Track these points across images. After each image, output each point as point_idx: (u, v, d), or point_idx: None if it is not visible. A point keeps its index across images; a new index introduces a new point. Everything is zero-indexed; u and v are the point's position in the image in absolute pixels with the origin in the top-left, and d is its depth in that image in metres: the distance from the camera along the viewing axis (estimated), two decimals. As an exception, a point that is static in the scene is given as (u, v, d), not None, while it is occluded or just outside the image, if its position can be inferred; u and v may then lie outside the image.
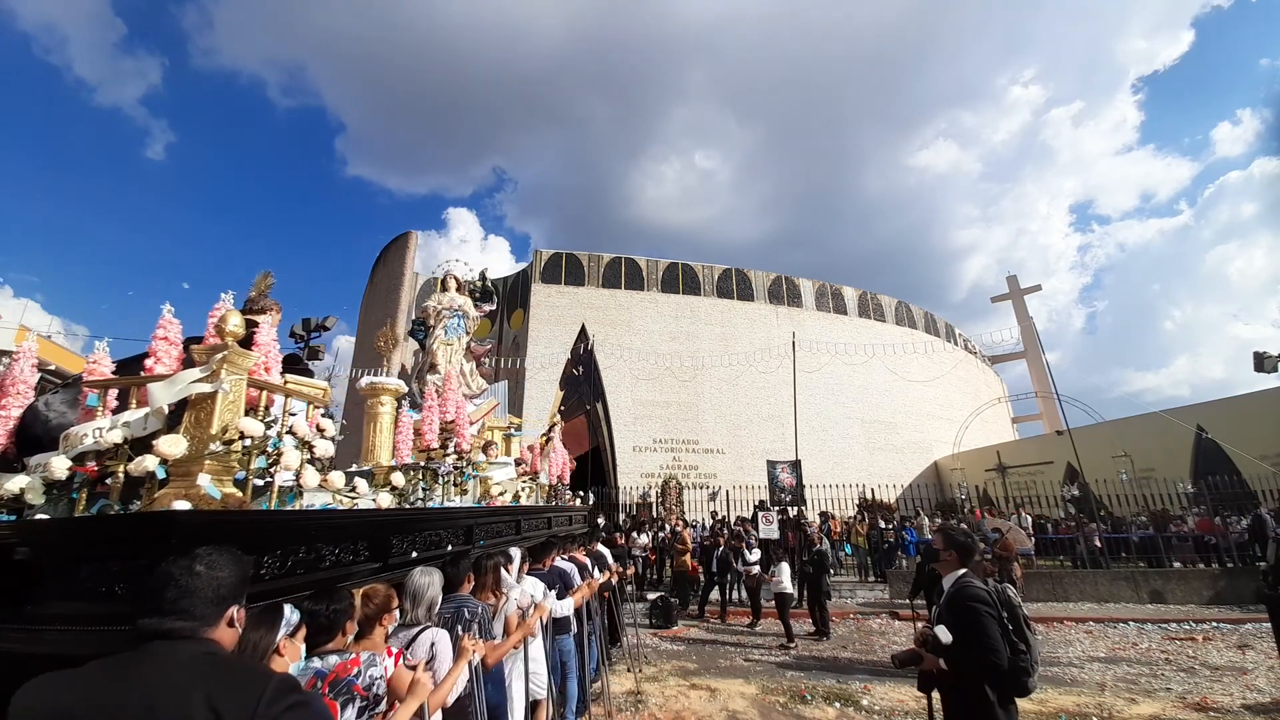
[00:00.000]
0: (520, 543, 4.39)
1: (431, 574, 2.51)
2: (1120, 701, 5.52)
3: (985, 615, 2.39)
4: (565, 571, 4.45)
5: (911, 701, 5.38)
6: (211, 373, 1.93)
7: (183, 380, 1.92)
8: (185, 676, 1.00)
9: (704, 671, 6.74)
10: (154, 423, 1.97)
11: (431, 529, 3.27)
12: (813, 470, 17.08)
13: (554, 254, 23.04)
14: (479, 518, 4.02)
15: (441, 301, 6.31)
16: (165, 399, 1.93)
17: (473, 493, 4.60)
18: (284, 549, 1.96)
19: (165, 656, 1.04)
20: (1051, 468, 19.54)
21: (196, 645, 1.08)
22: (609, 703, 5.10)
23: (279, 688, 1.05)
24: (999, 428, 29.84)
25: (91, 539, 1.65)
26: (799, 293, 25.20)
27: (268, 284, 3.36)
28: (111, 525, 1.70)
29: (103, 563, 1.56)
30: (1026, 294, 41.35)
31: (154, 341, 2.17)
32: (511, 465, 5.62)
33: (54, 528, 1.77)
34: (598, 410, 20.93)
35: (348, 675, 1.74)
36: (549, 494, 6.88)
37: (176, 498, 1.74)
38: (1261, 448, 14.13)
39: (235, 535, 1.74)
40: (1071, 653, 7.51)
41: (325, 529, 2.24)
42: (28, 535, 1.70)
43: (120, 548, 1.57)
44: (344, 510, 2.59)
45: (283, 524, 2.05)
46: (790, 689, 5.94)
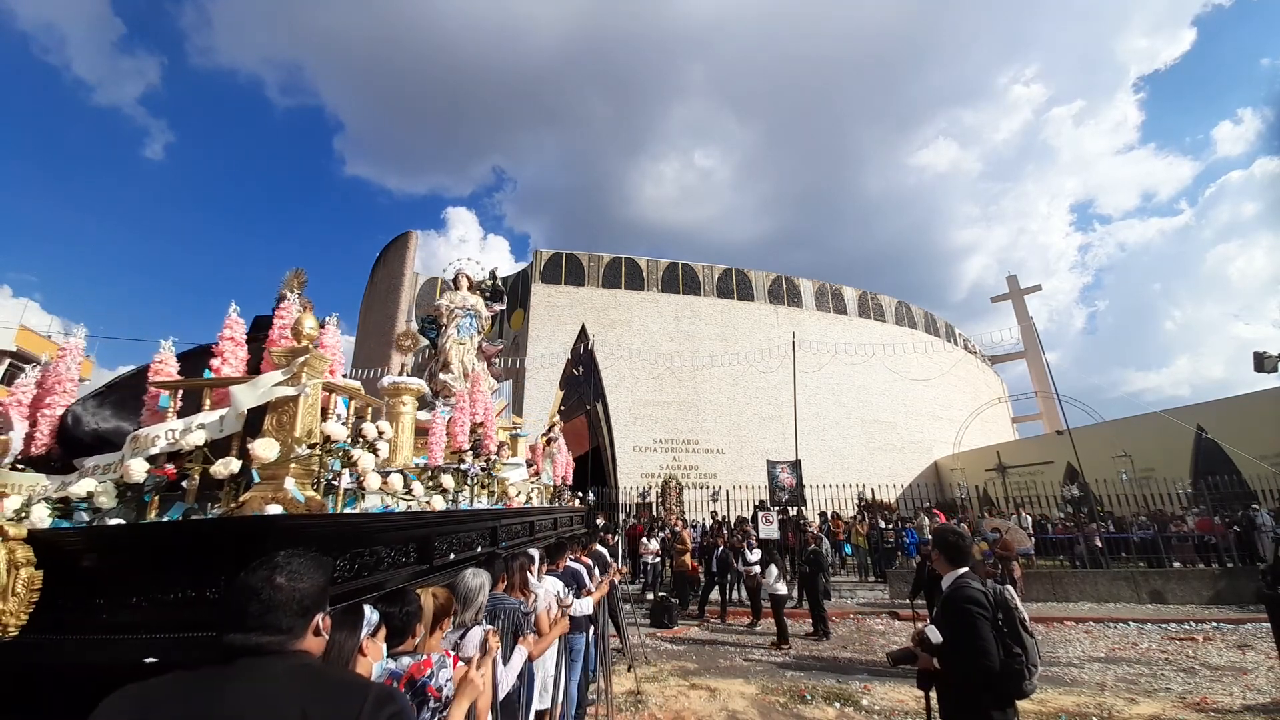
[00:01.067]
0: (534, 543, 4.44)
1: (482, 575, 2.51)
2: (1120, 701, 5.52)
3: (977, 617, 2.38)
4: (578, 571, 4.58)
5: (911, 701, 5.38)
6: (293, 375, 1.91)
7: (265, 383, 1.90)
8: (279, 690, 0.99)
9: (704, 671, 6.74)
10: (230, 425, 1.93)
11: (467, 530, 3.31)
12: (813, 470, 17.09)
13: (554, 254, 23.05)
14: (502, 519, 4.04)
15: (454, 300, 6.29)
16: (249, 401, 1.89)
17: (494, 494, 4.63)
18: (354, 552, 1.95)
19: (256, 671, 1.01)
20: (1051, 468, 19.54)
21: (288, 659, 1.06)
22: (609, 702, 5.10)
23: (378, 699, 1.02)
24: (999, 428, 29.85)
25: (184, 543, 1.60)
26: (799, 293, 25.21)
27: (301, 281, 3.31)
28: (209, 529, 1.66)
29: (195, 568, 1.52)
30: (1026, 294, 41.35)
31: (221, 341, 2.15)
32: (523, 466, 5.64)
33: (140, 532, 1.71)
34: (598, 410, 20.94)
35: (421, 677, 1.76)
36: (553, 494, 6.89)
37: (264, 501, 1.71)
38: (1261, 448, 14.13)
39: (319, 539, 1.73)
40: (1071, 653, 7.51)
41: (385, 531, 2.25)
42: (107, 540, 1.63)
43: (216, 552, 1.53)
44: (406, 513, 2.60)
45: (357, 527, 2.04)
46: (790, 689, 5.94)
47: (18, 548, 1.45)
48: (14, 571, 1.43)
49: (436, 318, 6.27)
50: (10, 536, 1.45)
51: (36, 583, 1.46)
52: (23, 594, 1.43)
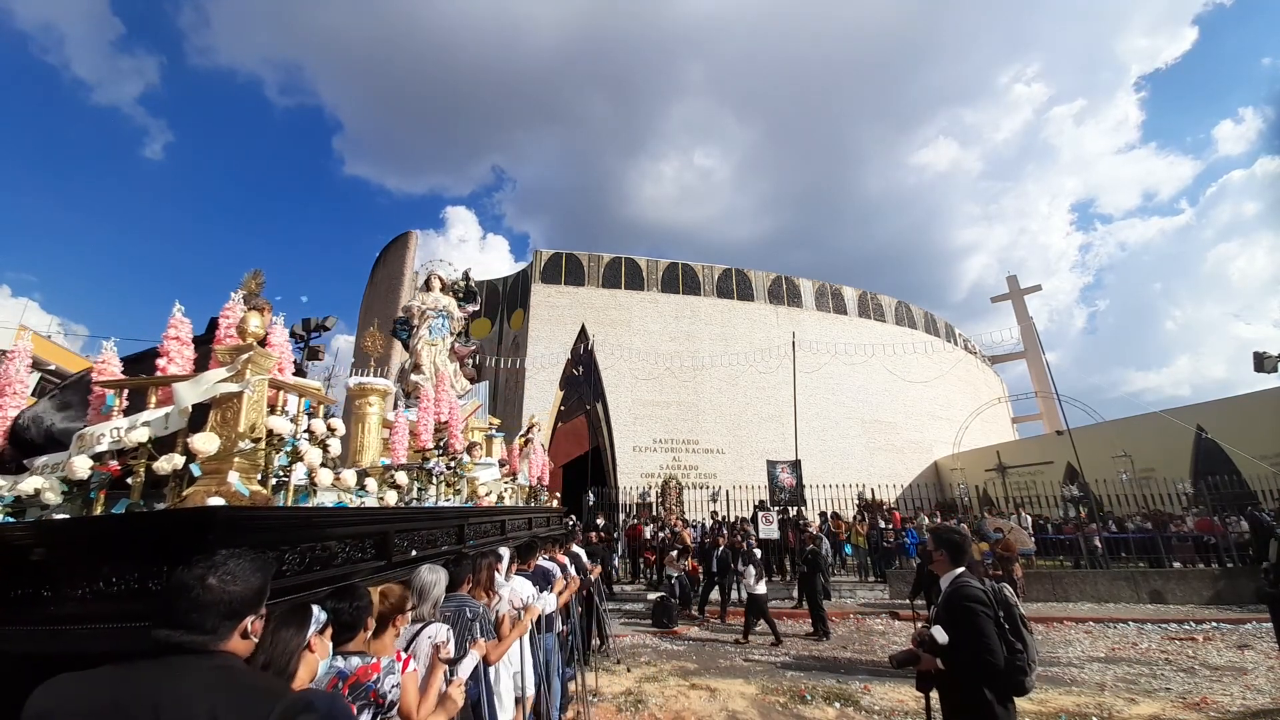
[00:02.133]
0: (505, 542, 4.44)
1: (439, 572, 2.53)
2: (1120, 701, 5.52)
3: (981, 615, 2.39)
4: (549, 571, 4.58)
5: (911, 701, 5.38)
6: (237, 373, 1.95)
7: (208, 380, 1.94)
8: (194, 690, 1.00)
9: (704, 671, 6.74)
10: (175, 422, 1.97)
11: (429, 528, 3.31)
12: (813, 470, 17.09)
13: (554, 254, 23.05)
14: (470, 518, 4.07)
15: (425, 301, 6.34)
16: (191, 398, 1.93)
17: (461, 493, 4.64)
18: (304, 547, 1.98)
19: (178, 668, 1.04)
20: (1051, 468, 19.53)
21: (210, 658, 1.07)
22: (587, 701, 5.12)
23: (289, 708, 1.02)
24: (999, 428, 29.85)
25: (127, 536, 1.63)
26: (799, 293, 25.21)
27: (259, 282, 3.35)
28: (151, 521, 1.68)
29: (139, 560, 1.55)
30: (1026, 294, 41.37)
31: (166, 341, 2.18)
32: (496, 466, 5.69)
33: (85, 526, 1.75)
34: (598, 410, 20.95)
35: (368, 680, 1.76)
36: (529, 495, 6.94)
37: (208, 495, 1.75)
38: (1261, 448, 14.13)
39: (265, 531, 1.76)
40: (1071, 653, 7.51)
41: (338, 526, 2.27)
42: (54, 534, 1.67)
43: (160, 544, 1.56)
44: (360, 508, 2.63)
45: (306, 521, 2.07)
46: (790, 689, 5.94)
47: None
48: None
49: (409, 319, 6.31)
50: None
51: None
52: None
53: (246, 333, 2.03)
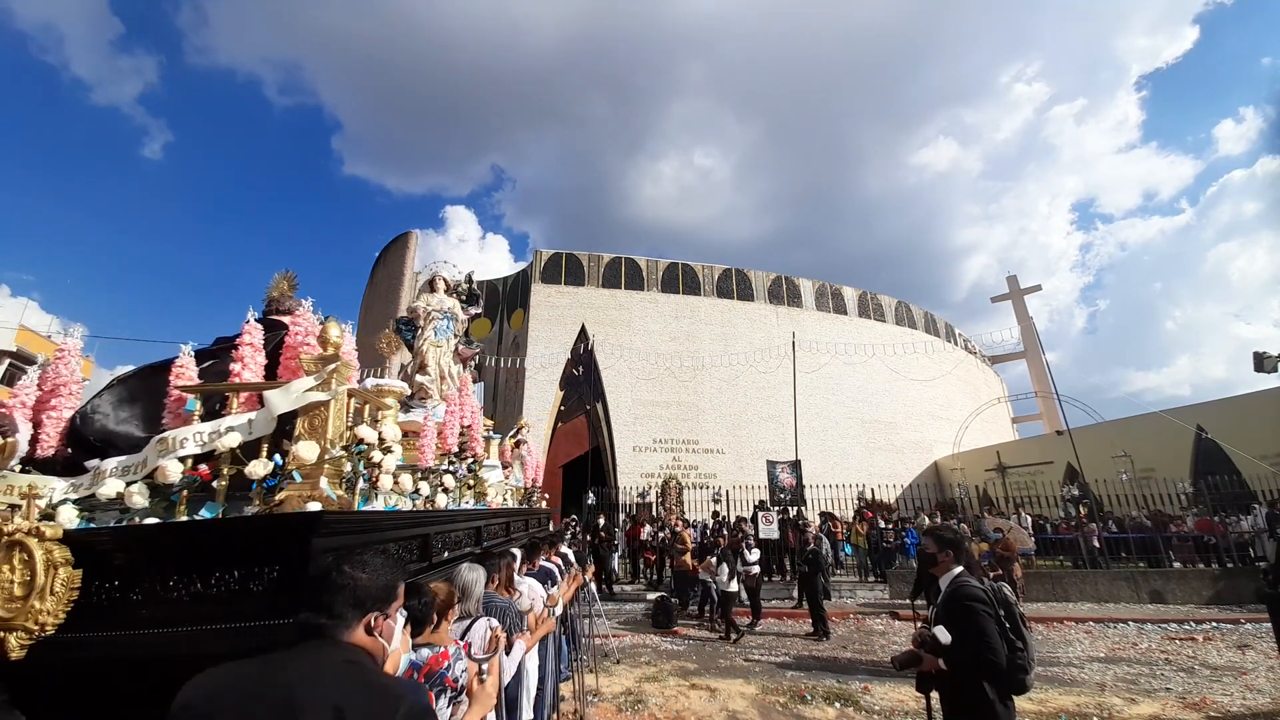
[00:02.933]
0: (510, 543, 4.53)
1: (478, 570, 2.64)
2: (1120, 701, 5.52)
3: (982, 614, 2.39)
4: (551, 570, 4.72)
5: (911, 701, 5.38)
6: (324, 382, 2.00)
7: (298, 389, 1.98)
8: (324, 681, 1.05)
9: (704, 671, 6.74)
10: (260, 427, 2.00)
11: (459, 530, 3.42)
12: (813, 470, 17.08)
13: (554, 254, 23.05)
14: (486, 519, 4.16)
15: (430, 303, 6.38)
16: (283, 406, 1.98)
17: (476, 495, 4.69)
18: (374, 548, 2.05)
19: (310, 654, 1.11)
20: (1051, 468, 19.54)
21: (342, 651, 1.13)
22: (585, 699, 5.14)
23: (410, 712, 1.07)
24: (999, 428, 29.85)
25: (231, 539, 1.66)
26: (799, 293, 25.21)
27: (291, 283, 3.34)
28: (259, 525, 1.72)
29: (241, 562, 1.58)
30: (1026, 294, 41.36)
31: (241, 347, 2.21)
32: (499, 467, 5.75)
33: (193, 529, 1.77)
34: (598, 410, 20.95)
35: (440, 668, 1.86)
36: (524, 495, 7.01)
37: (303, 500, 1.78)
38: (1261, 448, 14.13)
39: (351, 534, 1.81)
40: (1071, 653, 7.51)
41: (396, 529, 2.33)
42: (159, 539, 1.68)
43: (265, 546, 1.59)
44: (412, 512, 2.71)
45: (376, 525, 2.12)
46: (790, 689, 5.94)
47: (54, 548, 1.48)
48: (52, 571, 1.46)
49: (413, 319, 6.36)
50: (47, 537, 1.48)
51: (75, 582, 1.50)
52: (61, 593, 1.47)
53: (329, 342, 2.07)
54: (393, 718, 1.04)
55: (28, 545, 1.47)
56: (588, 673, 6.17)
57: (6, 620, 1.43)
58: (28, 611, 1.43)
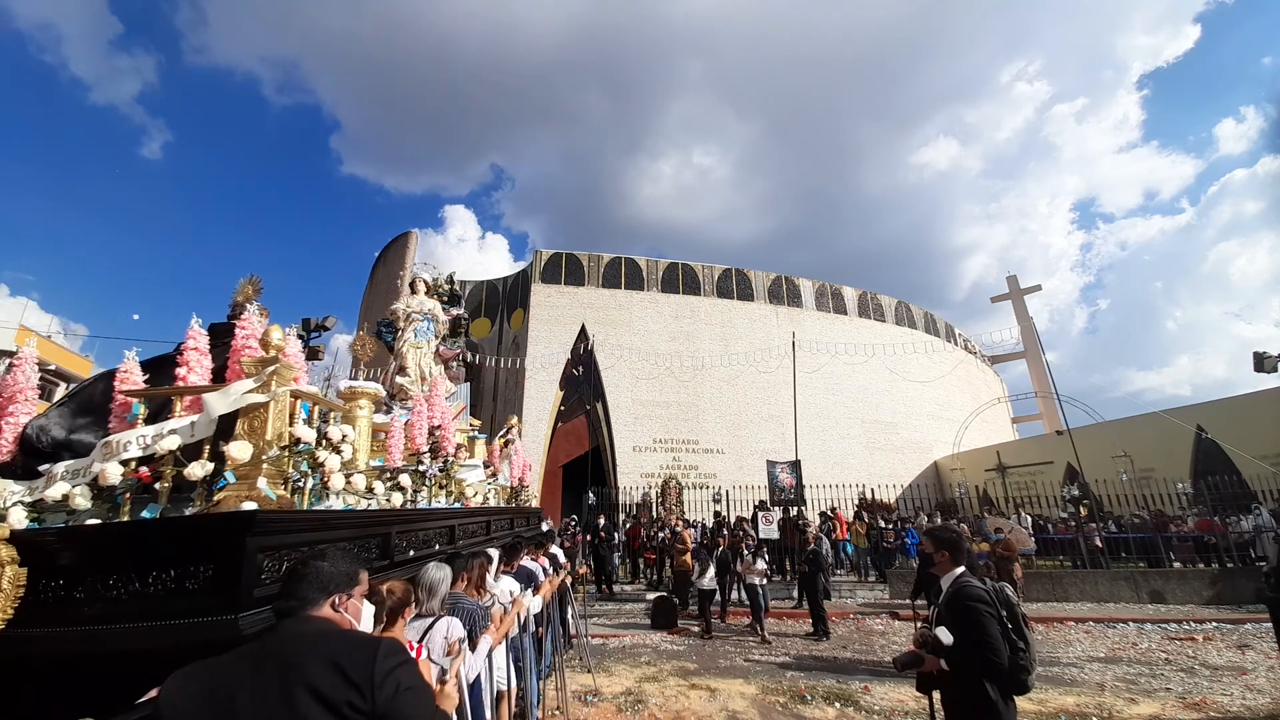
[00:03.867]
0: (490, 542, 4.57)
1: (444, 569, 2.65)
2: (1120, 701, 5.52)
3: (985, 614, 2.39)
4: (532, 571, 4.71)
5: (911, 702, 5.38)
6: (263, 384, 2.05)
7: (237, 391, 2.03)
8: (310, 642, 1.21)
9: (704, 671, 6.74)
10: (201, 430, 2.05)
11: (426, 529, 3.40)
12: (813, 470, 17.08)
13: (554, 254, 23.05)
14: (460, 519, 4.16)
15: (410, 305, 6.44)
16: (222, 408, 2.02)
17: (451, 494, 4.69)
18: (321, 547, 2.06)
19: (290, 628, 1.28)
20: (1051, 468, 19.54)
21: (314, 623, 1.30)
22: (566, 698, 5.14)
23: (390, 647, 1.23)
24: (999, 428, 29.85)
25: (169, 539, 1.69)
26: (799, 293, 25.21)
27: (256, 288, 3.38)
28: (194, 524, 1.76)
29: (178, 561, 1.62)
30: (1026, 294, 41.37)
31: (186, 351, 2.25)
32: (480, 467, 5.78)
33: (133, 529, 1.80)
34: (598, 410, 20.95)
35: None
36: (510, 495, 7.03)
37: (239, 499, 1.83)
38: (1261, 448, 14.13)
39: (291, 532, 1.85)
40: (1071, 653, 7.51)
41: (349, 528, 2.36)
42: (94, 539, 1.72)
43: (202, 545, 1.63)
44: (367, 510, 2.72)
45: (324, 523, 2.16)
46: (790, 689, 5.94)
47: (2, 547, 1.52)
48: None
49: (393, 321, 6.38)
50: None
51: (21, 580, 1.53)
52: (8, 590, 1.50)
53: (270, 344, 2.13)
54: (376, 655, 1.19)
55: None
56: (585, 672, 6.18)
57: None
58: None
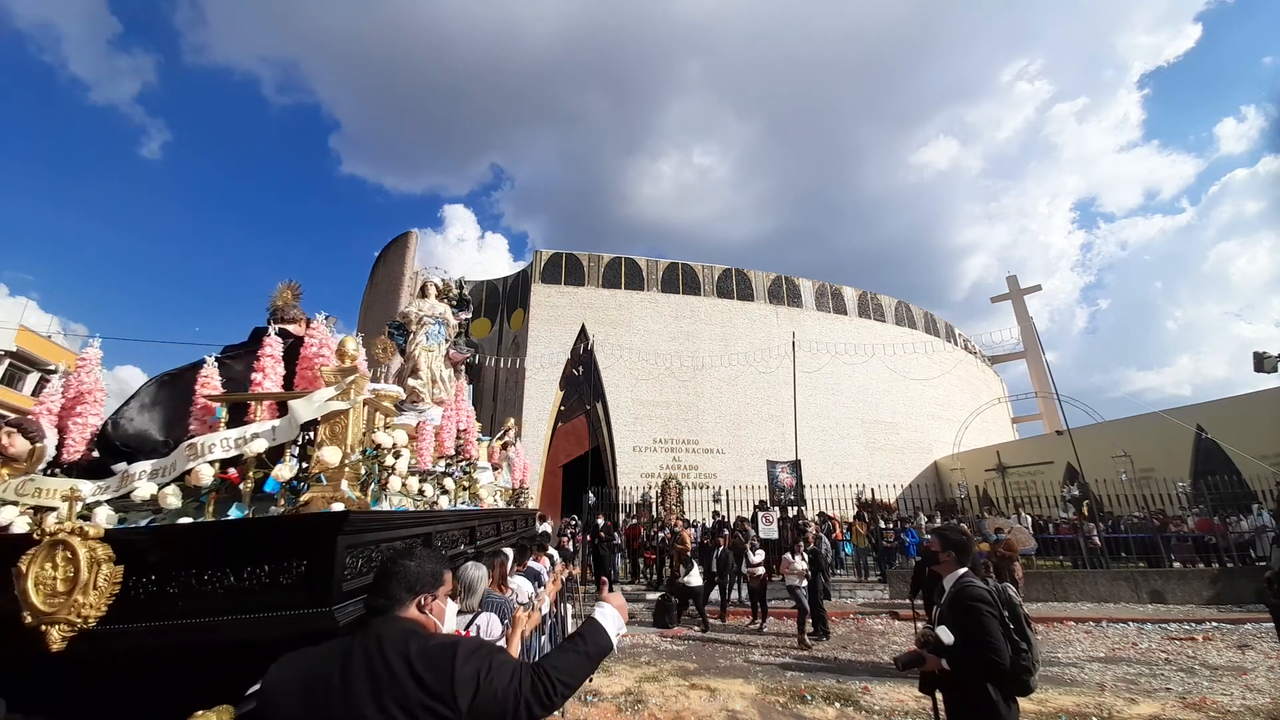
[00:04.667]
0: (501, 543, 4.65)
1: (481, 568, 2.80)
2: (1120, 701, 5.52)
3: (987, 615, 2.39)
4: (539, 572, 4.88)
5: (911, 701, 5.38)
6: (343, 392, 2.17)
7: (320, 399, 2.15)
8: (390, 638, 1.30)
9: (704, 671, 6.74)
10: (284, 434, 2.15)
11: (456, 528, 3.55)
12: (813, 470, 17.07)
13: (554, 254, 23.04)
14: (480, 519, 4.27)
15: (422, 308, 6.56)
16: (307, 415, 2.14)
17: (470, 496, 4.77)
18: (385, 545, 2.20)
19: (377, 626, 1.35)
20: (1051, 468, 19.55)
21: (400, 623, 1.37)
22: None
23: (469, 648, 1.32)
24: (999, 428, 29.85)
25: (262, 536, 1.79)
26: (799, 293, 25.21)
27: (295, 293, 3.47)
28: (293, 524, 1.85)
29: (272, 558, 1.72)
30: (1026, 294, 41.37)
31: (262, 358, 2.38)
32: (490, 469, 5.85)
33: (229, 528, 1.89)
34: (598, 410, 20.95)
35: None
36: (512, 496, 7.11)
37: (327, 501, 1.92)
38: (1261, 448, 14.14)
39: (370, 531, 1.99)
40: (1071, 653, 7.51)
41: (406, 528, 2.50)
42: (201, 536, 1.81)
43: (296, 543, 1.74)
44: (419, 511, 2.89)
45: (391, 523, 2.29)
46: (790, 689, 5.94)
47: (97, 546, 1.61)
48: (95, 567, 1.58)
49: (405, 324, 6.48)
50: (90, 536, 1.60)
51: (117, 577, 1.62)
52: (104, 587, 1.59)
53: (346, 354, 2.25)
54: (455, 658, 1.26)
55: (71, 544, 1.58)
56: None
57: (48, 615, 1.53)
58: (70, 605, 1.54)
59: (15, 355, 23.13)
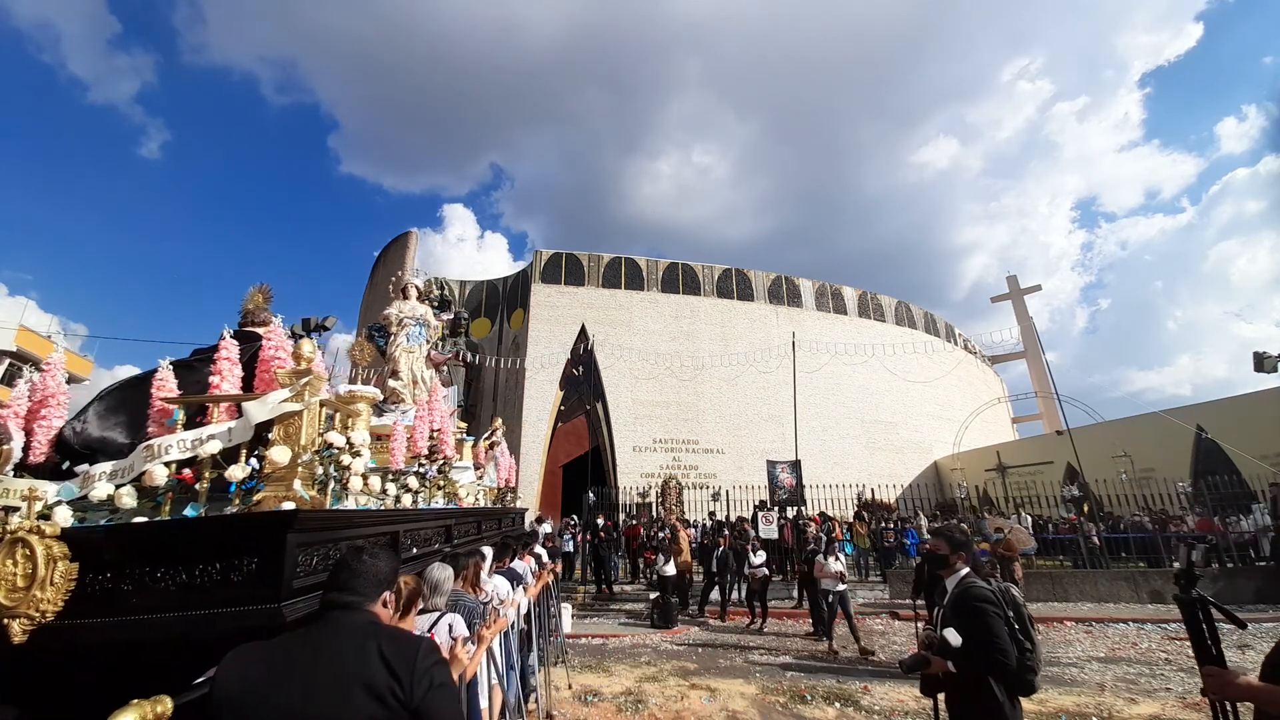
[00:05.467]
0: (481, 542, 4.65)
1: (447, 569, 2.79)
2: (1120, 701, 5.52)
3: (993, 615, 2.39)
4: (520, 572, 4.83)
5: (911, 702, 5.38)
6: (297, 394, 2.22)
7: (274, 400, 2.20)
8: (360, 636, 1.32)
9: (704, 671, 6.74)
10: (239, 435, 2.21)
11: (427, 528, 3.54)
12: (813, 470, 17.08)
13: (554, 254, 23.04)
14: (456, 518, 4.29)
15: (403, 310, 6.65)
16: (260, 416, 2.18)
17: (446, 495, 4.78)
18: (344, 543, 2.22)
19: (344, 621, 1.36)
20: (1051, 468, 19.54)
21: (363, 615, 1.40)
22: (549, 697, 5.16)
23: (429, 646, 1.37)
24: (999, 428, 29.85)
25: (215, 534, 1.84)
26: (799, 293, 25.21)
27: (266, 296, 3.50)
28: (242, 522, 1.90)
29: (223, 555, 1.76)
30: (1026, 294, 41.37)
31: (219, 361, 2.42)
32: (472, 469, 5.88)
33: (182, 526, 1.95)
34: (598, 410, 20.94)
35: None
36: (497, 496, 7.14)
37: (278, 500, 1.97)
38: (1261, 448, 14.13)
39: (323, 530, 2.00)
40: (1071, 653, 7.51)
41: (368, 526, 2.54)
42: (155, 536, 1.86)
43: (246, 541, 1.78)
44: (382, 510, 2.92)
45: (349, 522, 2.33)
46: (790, 689, 5.94)
47: (54, 544, 1.68)
48: (52, 564, 1.66)
49: (385, 326, 6.54)
50: (46, 534, 1.67)
51: (73, 574, 1.68)
52: (60, 583, 1.66)
53: (302, 357, 2.29)
54: (418, 651, 1.33)
55: (29, 542, 1.64)
56: (587, 670, 6.19)
57: (9, 609, 1.60)
58: (29, 600, 1.61)
59: (15, 355, 23.12)
